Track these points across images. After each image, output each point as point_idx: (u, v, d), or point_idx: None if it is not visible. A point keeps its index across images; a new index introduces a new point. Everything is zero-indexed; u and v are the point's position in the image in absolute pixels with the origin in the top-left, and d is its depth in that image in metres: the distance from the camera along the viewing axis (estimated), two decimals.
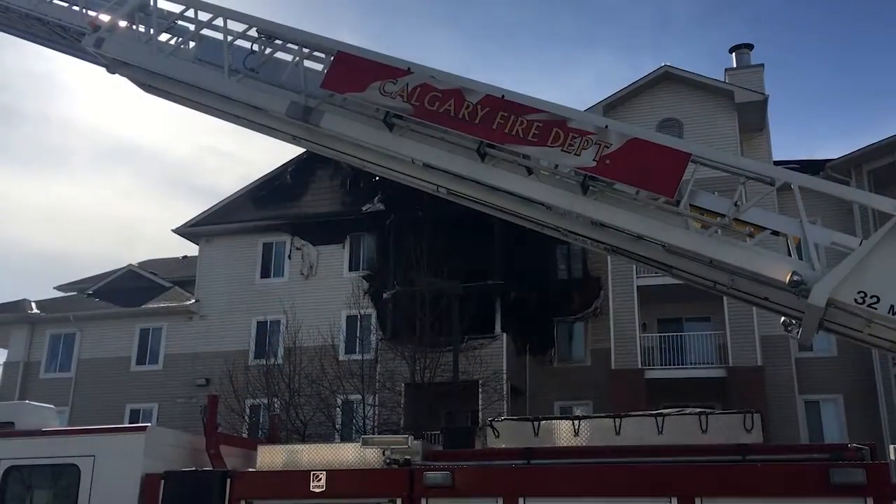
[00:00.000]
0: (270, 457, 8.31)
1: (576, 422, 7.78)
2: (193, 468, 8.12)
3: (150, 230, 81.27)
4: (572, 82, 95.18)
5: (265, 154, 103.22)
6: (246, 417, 26.10)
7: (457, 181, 8.49)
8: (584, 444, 7.60)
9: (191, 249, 36.26)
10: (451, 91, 8.07)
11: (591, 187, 7.73)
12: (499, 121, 7.82)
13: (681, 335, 28.00)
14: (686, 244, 7.58)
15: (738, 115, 28.66)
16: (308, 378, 25.61)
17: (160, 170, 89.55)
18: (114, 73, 9.98)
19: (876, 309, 6.68)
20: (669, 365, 27.50)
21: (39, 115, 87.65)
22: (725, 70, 31.13)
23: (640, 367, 27.18)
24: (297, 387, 25.41)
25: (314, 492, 7.57)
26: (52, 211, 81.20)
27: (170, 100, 9.97)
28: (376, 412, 26.02)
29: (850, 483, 6.23)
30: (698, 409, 7.60)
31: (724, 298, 25.68)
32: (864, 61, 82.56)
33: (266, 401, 25.65)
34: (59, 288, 38.73)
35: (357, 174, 31.47)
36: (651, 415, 7.69)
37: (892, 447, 6.76)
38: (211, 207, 34.19)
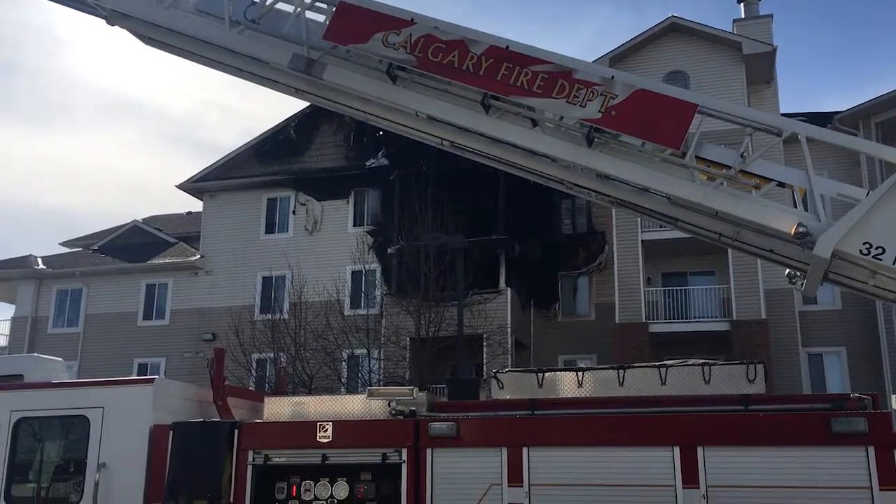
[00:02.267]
0: (277, 408, 8.41)
1: (579, 373, 7.84)
2: (201, 419, 8.22)
3: (153, 186, 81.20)
4: (573, 36, 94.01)
5: (267, 108, 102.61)
6: (252, 371, 26.35)
7: (461, 134, 8.43)
8: (587, 395, 7.67)
9: (195, 205, 36.30)
10: (455, 42, 7.96)
11: (596, 139, 7.66)
12: (503, 72, 7.73)
13: (685, 289, 28.05)
14: (692, 196, 7.54)
15: (746, 68, 28.32)
16: (314, 333, 25.76)
17: (162, 124, 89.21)
18: (113, 25, 9.85)
19: (881, 260, 6.66)
20: (673, 319, 27.60)
21: (40, 70, 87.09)
22: (733, 21, 30.68)
23: (644, 321, 27.28)
24: (302, 341, 25.58)
25: (321, 442, 7.67)
26: (55, 167, 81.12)
27: (171, 52, 9.85)
28: (381, 366, 26.22)
29: (852, 432, 6.29)
30: (701, 361, 7.65)
31: (729, 252, 25.73)
32: (873, 13, 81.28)
33: (272, 355, 25.86)
34: (64, 244, 38.88)
35: (361, 129, 31.31)
36: (654, 366, 7.75)
37: (893, 397, 6.80)
38: (214, 163, 34.11)
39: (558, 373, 7.99)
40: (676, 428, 6.79)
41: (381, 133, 29.83)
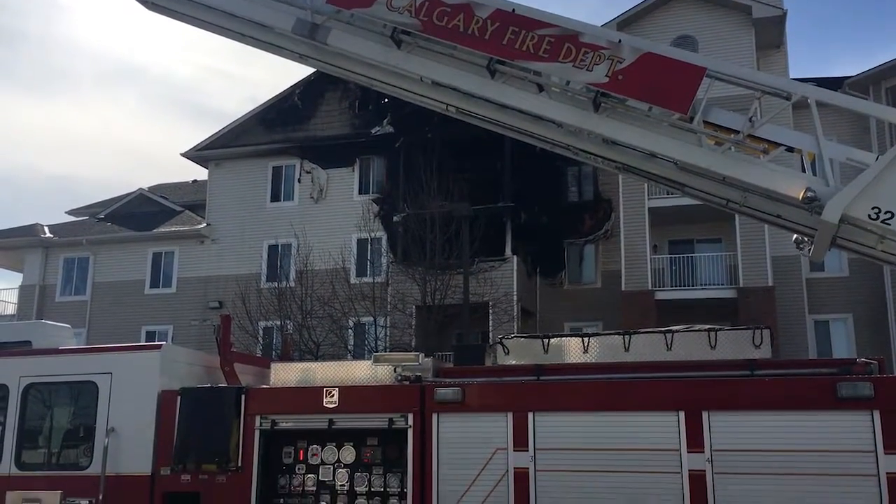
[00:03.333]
0: (284, 374, 8.46)
1: (585, 339, 7.86)
2: (209, 385, 8.28)
3: (157, 154, 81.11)
4: (578, 2, 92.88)
5: (271, 75, 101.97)
6: (259, 339, 26.50)
7: (466, 99, 8.36)
8: (593, 360, 7.68)
9: (200, 173, 36.26)
10: (461, 6, 7.86)
11: (602, 104, 7.58)
12: (509, 36, 7.64)
13: (691, 256, 28.01)
14: (699, 161, 7.48)
15: (756, 32, 27.98)
16: (320, 300, 25.86)
17: (165, 91, 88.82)
18: None
19: (890, 224, 6.62)
20: (680, 286, 27.59)
21: (42, 37, 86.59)
22: None
23: (650, 288, 27.29)
24: (309, 309, 25.68)
25: (327, 407, 7.72)
26: (57, 134, 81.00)
27: (174, 18, 9.77)
28: (387, 334, 26.33)
29: (858, 396, 6.29)
30: (707, 327, 7.64)
31: (736, 219, 25.65)
32: None
33: (279, 323, 25.98)
34: (70, 212, 38.95)
35: (366, 96, 31.11)
36: (660, 332, 7.76)
37: None
38: (219, 131, 34.00)
39: (564, 338, 8.01)
40: (681, 393, 6.81)
41: (386, 100, 29.67)
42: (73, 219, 38.10)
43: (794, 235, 7.83)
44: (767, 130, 7.39)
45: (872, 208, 6.66)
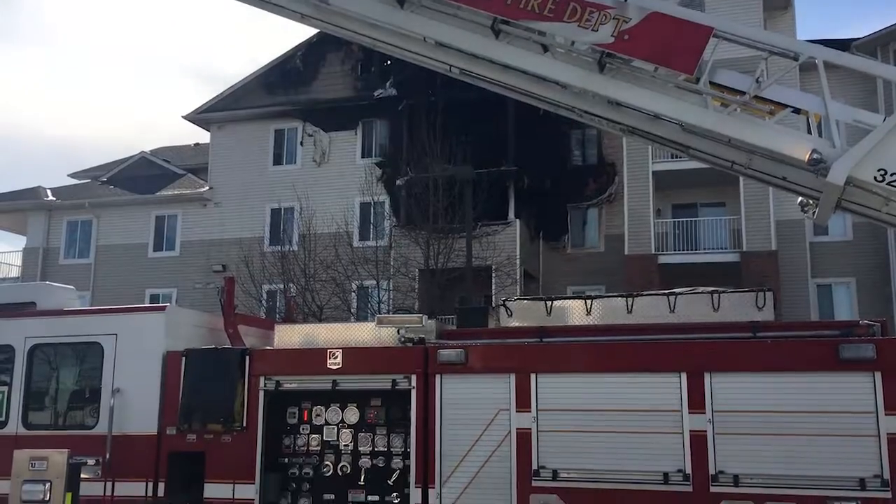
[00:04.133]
0: (288, 335, 8.49)
1: (588, 301, 7.87)
2: (213, 346, 8.32)
3: (158, 117, 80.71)
4: None
5: (272, 36, 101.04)
6: (263, 302, 26.58)
7: (470, 60, 8.26)
8: (595, 322, 7.70)
9: (202, 136, 36.11)
10: None
11: (608, 65, 7.50)
12: None
13: (695, 220, 27.94)
14: (705, 123, 7.42)
15: None
16: (323, 264, 25.89)
17: (165, 54, 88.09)
18: None
19: (895, 186, 6.58)
20: (683, 250, 27.57)
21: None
22: None
23: (653, 252, 27.26)
24: (312, 272, 25.72)
25: (331, 369, 7.76)
26: (59, 97, 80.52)
27: None
28: (391, 297, 26.40)
29: (860, 358, 6.31)
30: (710, 289, 7.64)
31: (741, 183, 25.52)
32: None
33: (282, 286, 26.04)
34: (72, 175, 38.89)
35: (369, 58, 30.84)
36: (663, 294, 7.76)
37: None
38: (221, 93, 33.80)
39: (567, 301, 8.03)
40: (684, 354, 6.83)
41: (389, 62, 29.40)
42: (75, 182, 38.05)
43: (799, 198, 7.79)
44: (774, 91, 7.31)
45: (878, 170, 6.62)
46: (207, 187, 33.13)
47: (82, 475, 6.81)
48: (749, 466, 6.47)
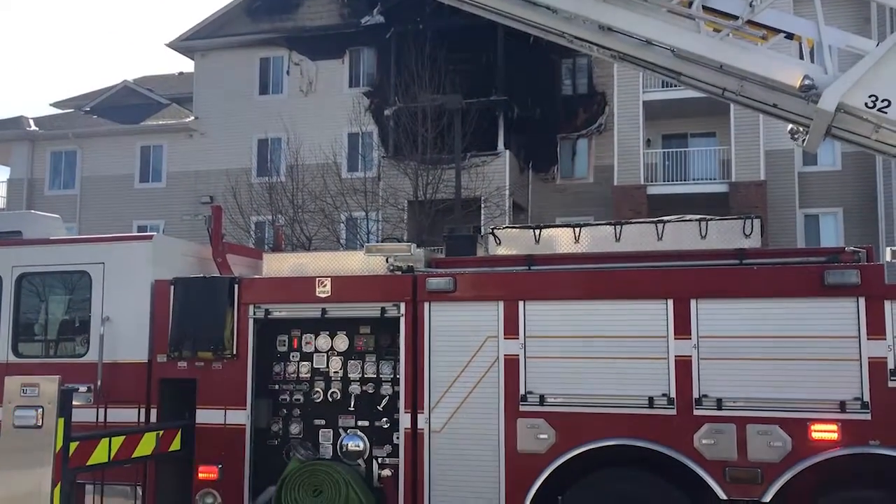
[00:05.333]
0: (276, 264, 8.49)
1: (576, 229, 7.87)
2: (202, 275, 8.31)
3: (140, 44, 79.00)
4: None
5: None
6: (251, 233, 26.54)
7: None
8: (584, 251, 7.72)
9: (185, 65, 35.49)
10: None
11: None
12: None
13: (685, 151, 27.89)
14: (697, 49, 7.32)
15: None
16: (311, 195, 25.78)
17: None
18: None
19: (886, 113, 6.55)
20: (672, 181, 27.58)
21: None
22: None
23: (642, 183, 27.26)
24: (300, 203, 25.63)
25: (320, 297, 7.79)
26: (37, 21, 78.56)
27: None
28: (380, 228, 26.39)
29: (844, 284, 6.37)
30: (698, 216, 7.66)
31: (731, 112, 25.41)
32: None
33: (270, 217, 25.97)
34: (55, 105, 38.26)
35: None
36: (651, 222, 7.77)
37: (888, 249, 6.86)
38: (204, 20, 33.06)
39: (555, 229, 8.02)
40: (670, 281, 6.87)
41: None
42: (57, 111, 37.46)
43: (790, 126, 7.76)
44: (767, 16, 7.19)
45: (869, 96, 6.58)
46: (193, 117, 32.70)
47: (74, 402, 6.87)
48: (732, 390, 6.59)
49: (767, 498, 6.42)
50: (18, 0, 79.33)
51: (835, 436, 6.33)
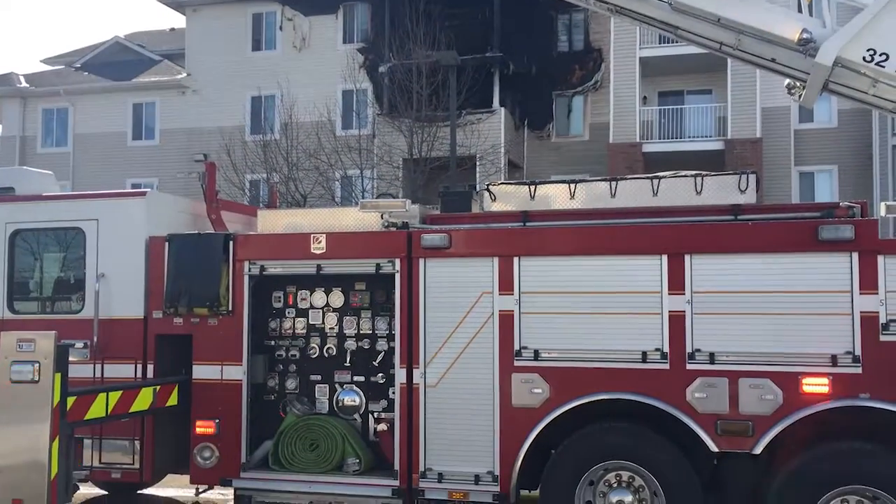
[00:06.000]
0: (271, 221, 8.46)
1: (572, 186, 7.85)
2: (196, 231, 8.29)
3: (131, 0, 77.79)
4: None
5: None
6: (246, 191, 26.45)
7: None
8: (579, 206, 7.71)
9: (178, 21, 34.99)
10: None
11: None
12: None
13: (681, 108, 27.74)
14: (695, 1, 7.23)
15: None
16: (306, 153, 25.64)
17: None
18: None
19: (884, 67, 6.51)
20: (668, 138, 27.48)
21: None
22: None
23: (638, 140, 27.16)
24: (295, 161, 25.50)
25: (315, 253, 7.77)
26: None
27: None
28: (375, 186, 26.32)
29: (838, 239, 6.38)
30: (693, 172, 7.64)
31: (728, 69, 25.24)
32: None
33: (265, 175, 25.86)
34: (45, 61, 37.81)
35: None
36: (646, 178, 7.75)
37: (882, 204, 6.86)
38: None
39: (550, 185, 8.00)
40: (664, 237, 6.87)
41: None
42: (48, 68, 37.03)
43: (787, 81, 7.70)
44: None
45: (867, 50, 6.53)
46: (185, 74, 32.36)
47: (71, 358, 6.89)
48: (725, 345, 6.63)
49: (758, 450, 6.50)
50: None
51: (826, 389, 6.38)
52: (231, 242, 7.97)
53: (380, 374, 7.81)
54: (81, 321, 8.09)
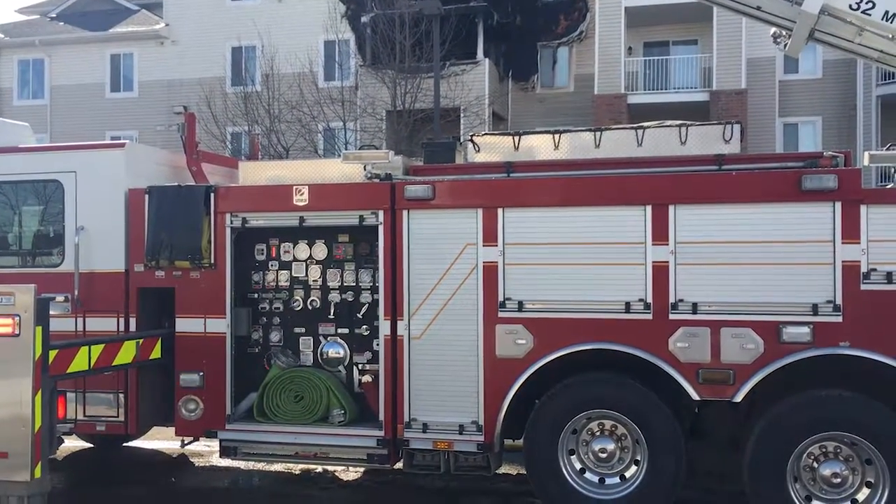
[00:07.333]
0: (253, 173, 8.36)
1: (556, 136, 7.79)
2: (177, 184, 8.18)
3: None
4: None
5: None
6: (227, 144, 26.18)
7: None
8: (563, 157, 7.66)
9: None
10: None
11: None
12: None
13: (666, 59, 27.56)
14: None
15: None
16: (288, 105, 25.34)
17: None
18: None
19: (870, 15, 6.47)
20: (653, 90, 27.35)
21: None
22: None
23: (623, 92, 27.01)
24: (276, 113, 25.21)
25: (297, 205, 7.70)
26: None
27: None
28: (358, 138, 26.10)
29: (821, 188, 6.38)
30: (678, 122, 7.59)
31: (714, 19, 25.04)
32: None
33: (246, 127, 25.57)
34: (20, 11, 36.95)
35: None
36: (631, 128, 7.70)
37: (865, 153, 6.86)
38: None
39: (534, 136, 7.92)
40: (648, 187, 6.85)
41: None
42: (23, 17, 36.21)
43: (773, 29, 7.63)
44: None
45: None
46: (163, 24, 31.75)
47: (52, 312, 6.83)
48: (707, 295, 6.66)
49: (738, 398, 6.57)
50: None
51: (807, 339, 6.44)
52: (212, 195, 7.88)
53: (364, 327, 7.80)
54: (62, 275, 8.01)
